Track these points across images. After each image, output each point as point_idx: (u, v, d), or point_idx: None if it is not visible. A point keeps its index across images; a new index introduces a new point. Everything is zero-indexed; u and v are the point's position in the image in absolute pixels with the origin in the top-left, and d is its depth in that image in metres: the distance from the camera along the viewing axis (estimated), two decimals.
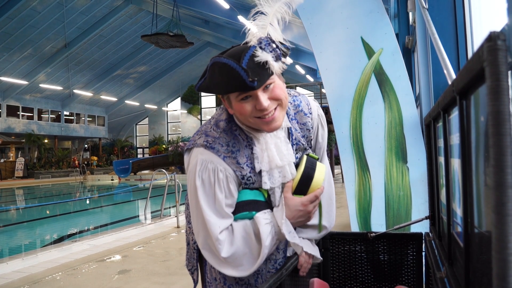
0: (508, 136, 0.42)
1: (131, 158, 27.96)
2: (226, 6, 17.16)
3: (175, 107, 36.13)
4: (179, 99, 35.36)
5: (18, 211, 11.47)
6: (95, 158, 30.32)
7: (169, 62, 30.10)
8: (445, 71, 1.60)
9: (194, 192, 1.15)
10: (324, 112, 1.41)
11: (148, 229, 6.68)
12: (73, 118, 30.33)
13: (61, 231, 8.33)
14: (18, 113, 26.11)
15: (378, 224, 2.66)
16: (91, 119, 32.07)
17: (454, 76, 1.26)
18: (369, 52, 2.70)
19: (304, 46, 18.29)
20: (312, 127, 1.31)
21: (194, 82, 32.12)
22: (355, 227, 2.72)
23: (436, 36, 1.81)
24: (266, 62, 1.05)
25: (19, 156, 26.27)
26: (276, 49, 1.08)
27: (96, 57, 25.21)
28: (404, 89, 2.64)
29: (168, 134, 35.72)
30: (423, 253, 1.55)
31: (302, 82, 24.96)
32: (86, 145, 33.65)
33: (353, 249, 1.62)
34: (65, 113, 29.42)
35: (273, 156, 1.18)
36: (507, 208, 0.41)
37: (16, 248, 6.71)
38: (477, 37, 2.23)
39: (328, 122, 1.48)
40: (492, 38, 0.44)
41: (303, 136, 1.29)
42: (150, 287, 3.76)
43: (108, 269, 4.34)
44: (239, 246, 1.13)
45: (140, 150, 36.64)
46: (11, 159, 25.54)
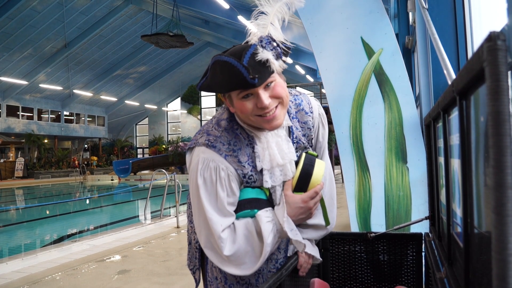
0: (508, 137, 0.42)
1: (131, 158, 27.96)
2: (226, 6, 17.16)
3: (175, 107, 36.14)
4: (179, 99, 35.37)
5: (18, 211, 11.47)
6: (95, 158, 30.31)
7: (169, 62, 30.10)
8: (445, 71, 1.60)
9: (196, 191, 1.15)
10: (324, 113, 1.41)
11: (148, 229, 6.68)
12: (73, 118, 30.33)
13: (61, 231, 8.33)
14: (18, 113, 26.11)
15: (378, 225, 2.66)
16: (91, 119, 32.07)
17: (454, 76, 1.26)
18: (369, 52, 2.70)
19: (304, 46, 18.29)
20: (313, 126, 1.32)
21: (194, 82, 32.18)
22: (355, 228, 2.72)
23: (436, 36, 1.81)
24: (267, 60, 1.06)
25: (19, 156, 26.27)
26: (277, 48, 1.09)
27: (96, 57, 25.22)
28: (404, 89, 2.64)
29: (168, 134, 35.71)
30: (423, 254, 1.55)
31: (302, 82, 24.95)
32: (86, 145, 33.65)
33: (353, 250, 1.62)
34: (65, 113, 29.42)
35: (274, 155, 1.18)
36: (507, 209, 0.41)
37: (16, 248, 6.71)
38: (477, 37, 2.23)
39: (328, 122, 1.48)
40: (492, 38, 0.44)
41: (304, 135, 1.29)
42: (150, 287, 3.76)
43: (108, 269, 4.34)
44: (241, 244, 1.13)
45: (140, 150, 36.64)
46: (11, 159, 25.54)
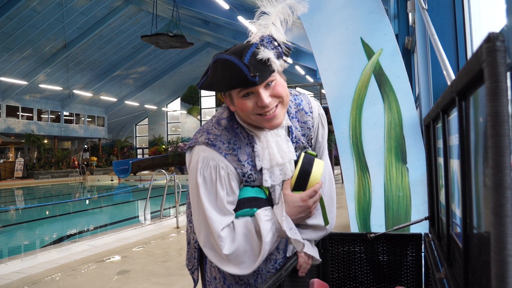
0: (507, 137, 0.42)
1: (131, 159, 27.94)
2: (226, 7, 17.16)
3: (175, 108, 36.13)
4: (179, 100, 35.37)
5: (18, 212, 11.46)
6: (95, 159, 30.29)
7: (169, 63, 30.10)
8: (445, 72, 1.60)
9: (196, 190, 1.15)
10: (324, 113, 1.41)
11: (148, 230, 6.68)
12: (73, 119, 30.32)
13: (61, 232, 8.32)
14: (18, 114, 26.10)
15: (378, 225, 2.66)
16: (91, 120, 32.06)
17: (454, 77, 1.26)
18: (369, 53, 2.70)
19: (304, 47, 18.28)
20: (313, 126, 1.32)
21: (194, 83, 32.18)
22: (355, 228, 2.72)
23: (436, 37, 1.82)
24: (268, 59, 1.06)
25: (19, 157, 26.25)
26: (278, 47, 1.09)
27: (96, 58, 25.21)
28: (404, 90, 2.64)
29: (168, 135, 35.70)
30: (423, 254, 1.55)
31: (302, 83, 24.94)
32: (86, 146, 33.63)
33: (353, 250, 1.62)
34: (65, 114, 29.41)
35: (274, 154, 1.18)
36: (506, 209, 0.41)
37: (16, 249, 6.70)
38: (477, 38, 2.23)
39: (328, 123, 1.48)
40: (491, 39, 0.44)
41: (303, 135, 1.30)
42: None
43: (108, 270, 4.34)
44: (241, 243, 1.13)
45: (140, 151, 36.62)
46: (11, 160, 25.52)
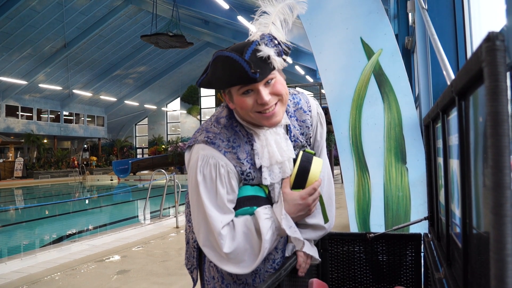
0: (507, 137, 0.42)
1: (131, 158, 27.94)
2: (226, 6, 17.16)
3: (175, 108, 36.12)
4: (179, 100, 35.36)
5: (17, 211, 11.45)
6: (95, 158, 30.28)
7: (169, 63, 30.09)
8: (444, 72, 1.60)
9: (196, 188, 1.14)
10: (324, 113, 1.41)
11: (147, 230, 6.67)
12: (73, 118, 30.31)
13: (60, 231, 8.32)
14: (17, 113, 26.09)
15: (377, 225, 2.66)
16: (91, 119, 32.05)
17: (453, 77, 1.26)
18: (369, 53, 2.70)
19: (304, 47, 18.29)
20: (311, 125, 1.32)
21: (194, 83, 31.95)
22: (354, 228, 2.72)
23: (436, 37, 1.81)
24: (268, 57, 1.06)
25: (18, 156, 26.22)
26: (278, 45, 1.10)
27: (96, 57, 25.20)
28: (404, 90, 2.64)
29: (168, 135, 35.69)
30: (422, 254, 1.55)
31: (302, 83, 24.94)
32: (86, 145, 33.62)
33: (352, 250, 1.62)
34: (65, 113, 29.40)
35: (274, 152, 1.18)
36: (505, 209, 0.41)
37: (15, 248, 6.70)
38: (476, 38, 2.23)
39: (328, 123, 1.48)
40: (491, 39, 0.44)
41: (302, 134, 1.30)
42: (149, 287, 3.76)
43: (107, 270, 4.34)
44: (241, 242, 1.12)
45: (140, 150, 36.62)
46: (10, 159, 25.49)
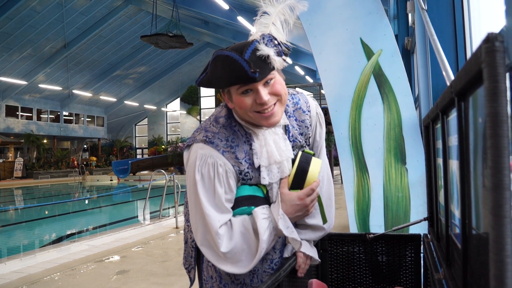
0: (506, 138, 0.42)
1: (130, 159, 27.93)
2: (226, 7, 17.16)
3: (175, 108, 36.12)
4: (179, 100, 35.37)
5: (17, 211, 11.45)
6: (94, 159, 30.27)
7: (169, 63, 30.10)
8: (444, 73, 1.60)
9: (194, 187, 1.14)
10: (324, 113, 1.41)
11: (147, 230, 6.67)
12: (72, 119, 30.30)
13: (60, 232, 8.32)
14: (17, 113, 26.08)
15: (377, 225, 2.65)
16: (90, 120, 32.04)
17: (453, 78, 1.26)
18: (368, 53, 2.70)
19: (303, 47, 18.30)
20: (310, 125, 1.32)
21: (194, 83, 32.09)
22: (354, 228, 2.72)
23: (435, 38, 1.81)
24: (268, 57, 1.07)
25: (18, 157, 26.21)
26: (278, 46, 1.10)
27: (96, 58, 25.20)
28: (403, 91, 2.64)
29: (168, 135, 35.69)
30: (422, 255, 1.55)
31: (302, 83, 24.95)
32: (85, 146, 33.61)
33: (352, 250, 1.62)
34: (64, 114, 29.39)
35: (272, 152, 1.18)
36: (505, 210, 0.41)
37: (15, 248, 6.69)
38: (476, 39, 2.23)
39: (327, 123, 1.48)
40: (490, 40, 0.44)
41: (301, 134, 1.29)
42: None
43: (107, 270, 4.33)
44: (238, 242, 1.12)
45: (139, 151, 36.62)
46: (10, 159, 25.49)
